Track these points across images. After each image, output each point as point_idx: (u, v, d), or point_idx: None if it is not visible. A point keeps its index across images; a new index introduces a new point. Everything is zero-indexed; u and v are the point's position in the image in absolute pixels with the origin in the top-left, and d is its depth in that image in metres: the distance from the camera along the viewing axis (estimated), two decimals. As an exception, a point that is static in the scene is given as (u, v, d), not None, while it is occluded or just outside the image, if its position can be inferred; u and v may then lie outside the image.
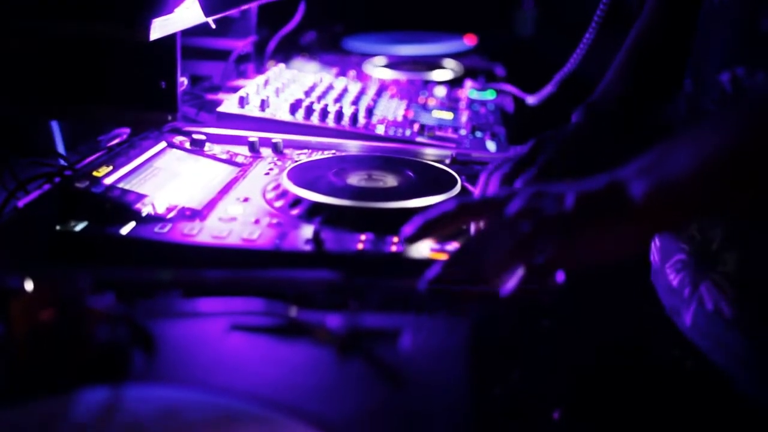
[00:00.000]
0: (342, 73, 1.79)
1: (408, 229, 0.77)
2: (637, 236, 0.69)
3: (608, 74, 1.12)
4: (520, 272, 0.71)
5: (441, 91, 1.70)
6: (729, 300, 0.86)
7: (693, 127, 0.73)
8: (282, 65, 1.73)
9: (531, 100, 1.65)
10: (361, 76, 1.81)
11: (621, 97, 1.08)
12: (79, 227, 0.89)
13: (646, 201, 0.67)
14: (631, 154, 0.72)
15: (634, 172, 0.69)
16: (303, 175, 1.05)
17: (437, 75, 1.90)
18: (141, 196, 0.95)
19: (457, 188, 1.03)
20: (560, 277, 0.81)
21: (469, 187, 1.06)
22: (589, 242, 0.69)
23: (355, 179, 1.06)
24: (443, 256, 0.77)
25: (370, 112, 1.41)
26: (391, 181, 1.07)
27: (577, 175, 0.74)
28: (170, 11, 1.03)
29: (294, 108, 1.36)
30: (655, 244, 1.01)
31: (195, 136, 1.21)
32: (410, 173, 1.08)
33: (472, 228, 0.87)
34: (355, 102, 1.49)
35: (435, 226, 0.76)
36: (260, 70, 1.80)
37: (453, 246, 0.85)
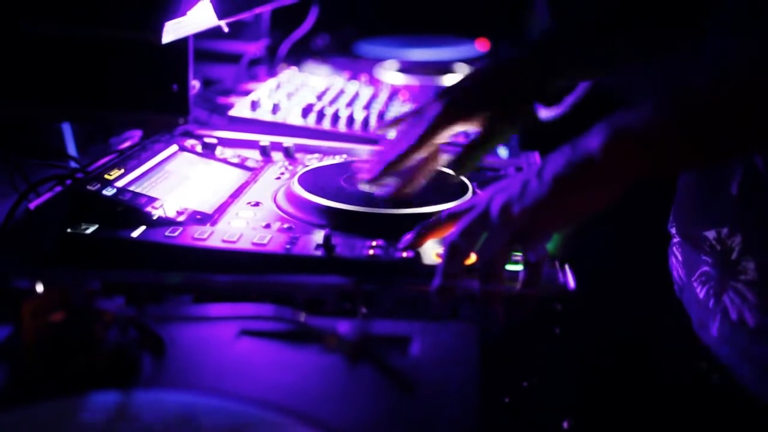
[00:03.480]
0: (354, 77, 1.79)
1: (407, 237, 0.85)
2: (607, 187, 0.71)
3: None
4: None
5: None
6: (752, 308, 0.86)
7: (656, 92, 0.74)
8: (294, 69, 1.73)
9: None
10: (373, 81, 1.80)
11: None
12: (90, 230, 0.89)
13: (604, 150, 0.69)
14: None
15: (592, 130, 0.72)
16: (314, 179, 1.04)
17: (449, 80, 1.90)
18: (152, 200, 0.95)
19: (469, 195, 1.03)
20: (571, 284, 0.81)
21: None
22: (564, 205, 0.72)
23: (366, 185, 1.06)
24: (472, 260, 0.78)
25: (381, 116, 1.41)
26: (402, 186, 1.06)
27: None
28: (183, 14, 1.03)
29: (305, 112, 1.36)
30: (678, 258, 1.00)
31: (206, 140, 1.21)
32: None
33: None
34: (367, 107, 1.48)
35: (427, 232, 0.84)
36: (272, 73, 1.80)
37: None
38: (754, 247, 0.87)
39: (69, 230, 0.88)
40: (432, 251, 0.86)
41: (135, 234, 0.88)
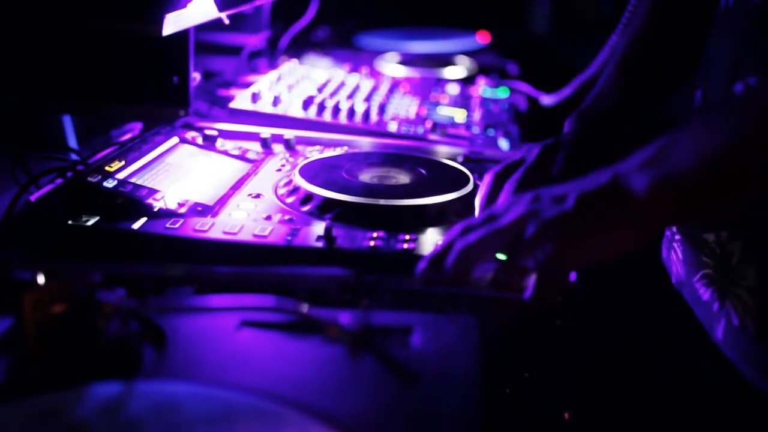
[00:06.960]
0: (355, 69, 1.79)
1: (420, 266, 0.74)
2: (641, 231, 0.68)
3: (602, 79, 1.07)
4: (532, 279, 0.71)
5: (454, 89, 1.69)
6: (752, 314, 0.85)
7: (697, 121, 0.72)
8: (295, 61, 1.73)
9: (546, 100, 1.63)
10: (374, 73, 1.80)
11: (617, 100, 1.04)
12: (91, 222, 0.89)
13: (649, 195, 0.66)
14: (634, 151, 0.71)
15: (635, 166, 0.68)
16: (315, 171, 1.04)
17: (450, 72, 1.90)
18: (153, 192, 0.95)
19: (470, 186, 1.03)
20: (572, 276, 0.81)
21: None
22: (592, 241, 0.68)
23: (367, 176, 1.06)
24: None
25: (382, 109, 1.41)
26: (403, 178, 1.06)
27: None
28: (183, 6, 1.03)
29: (306, 104, 1.36)
30: (678, 255, 0.99)
31: (207, 132, 1.21)
32: (422, 171, 1.08)
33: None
34: (368, 99, 1.48)
35: (443, 257, 0.73)
36: (273, 65, 1.80)
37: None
38: (754, 253, 0.85)
39: (70, 222, 0.88)
40: (434, 242, 0.86)
41: (136, 226, 0.88)
